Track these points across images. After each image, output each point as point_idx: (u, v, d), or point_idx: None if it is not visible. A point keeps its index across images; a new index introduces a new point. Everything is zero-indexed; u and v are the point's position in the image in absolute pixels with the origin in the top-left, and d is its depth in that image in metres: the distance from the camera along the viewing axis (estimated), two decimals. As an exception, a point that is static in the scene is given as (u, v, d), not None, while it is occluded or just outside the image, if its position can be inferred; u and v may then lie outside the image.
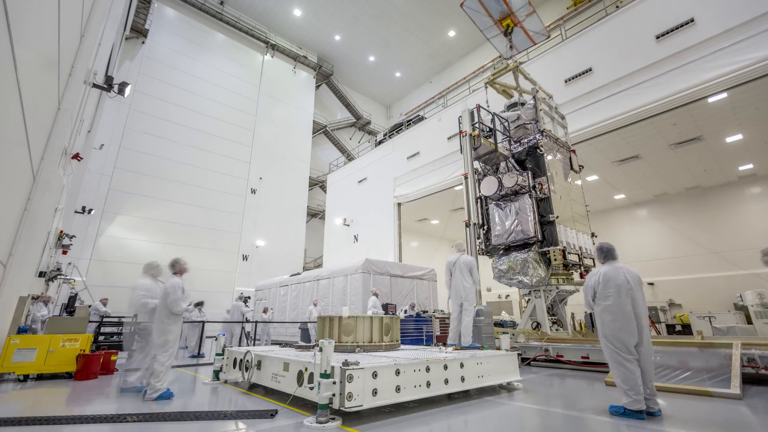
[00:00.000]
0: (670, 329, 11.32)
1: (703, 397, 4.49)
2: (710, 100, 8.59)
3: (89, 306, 9.93)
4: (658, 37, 8.95)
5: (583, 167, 9.41)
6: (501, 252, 8.23)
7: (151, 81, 19.29)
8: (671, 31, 8.76)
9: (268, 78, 24.98)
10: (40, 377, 5.82)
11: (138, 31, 19.00)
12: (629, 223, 15.55)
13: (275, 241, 22.53)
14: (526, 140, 8.29)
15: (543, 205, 7.83)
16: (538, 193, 7.78)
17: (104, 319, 9.68)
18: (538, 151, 8.05)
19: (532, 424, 3.64)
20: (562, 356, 6.98)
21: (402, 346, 6.18)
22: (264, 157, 23.36)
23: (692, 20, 8.45)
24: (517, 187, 7.91)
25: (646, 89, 8.98)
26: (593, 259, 8.37)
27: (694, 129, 9.95)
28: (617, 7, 10.49)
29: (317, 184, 27.86)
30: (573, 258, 7.73)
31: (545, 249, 7.51)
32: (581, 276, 7.94)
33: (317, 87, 28.57)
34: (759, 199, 12.57)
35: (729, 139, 10.41)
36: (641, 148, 10.99)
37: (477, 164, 9.04)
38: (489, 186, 8.34)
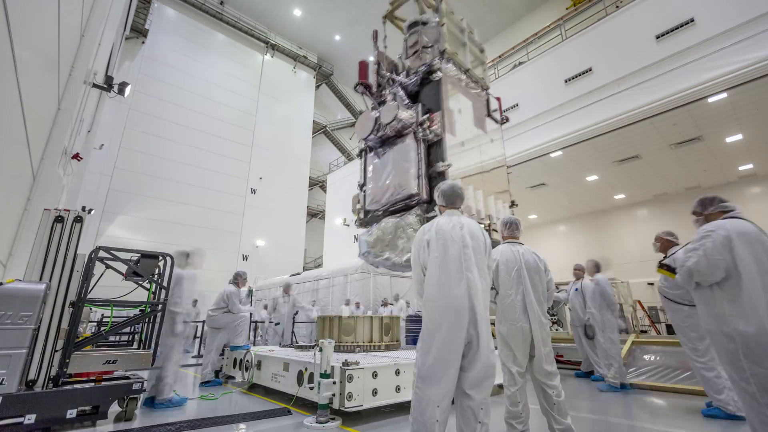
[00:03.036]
0: (670, 329, 11.31)
1: (703, 397, 4.49)
2: (710, 100, 8.58)
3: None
4: (658, 37, 8.94)
5: (508, 119, 7.67)
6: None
7: (151, 81, 19.27)
8: (671, 31, 8.76)
9: (268, 78, 24.97)
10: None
11: (138, 31, 19.00)
12: (629, 223, 15.55)
13: (275, 241, 22.52)
14: (422, 65, 6.39)
15: (434, 152, 5.70)
16: (427, 132, 5.69)
17: (104, 319, 9.69)
18: (433, 76, 5.96)
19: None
20: (561, 356, 6.98)
21: (402, 346, 6.18)
22: (264, 157, 23.35)
23: (692, 20, 8.45)
24: (400, 125, 5.86)
25: (646, 89, 8.97)
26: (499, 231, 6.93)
27: (694, 129, 9.94)
28: (617, 7, 10.48)
29: (317, 184, 27.86)
30: None
31: (433, 213, 5.44)
32: None
33: (317, 87, 28.56)
34: (759, 199, 12.56)
35: (729, 139, 10.41)
36: (641, 148, 10.99)
37: (367, 102, 7.18)
38: (363, 125, 6.32)
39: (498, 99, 7.53)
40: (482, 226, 5.38)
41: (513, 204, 6.89)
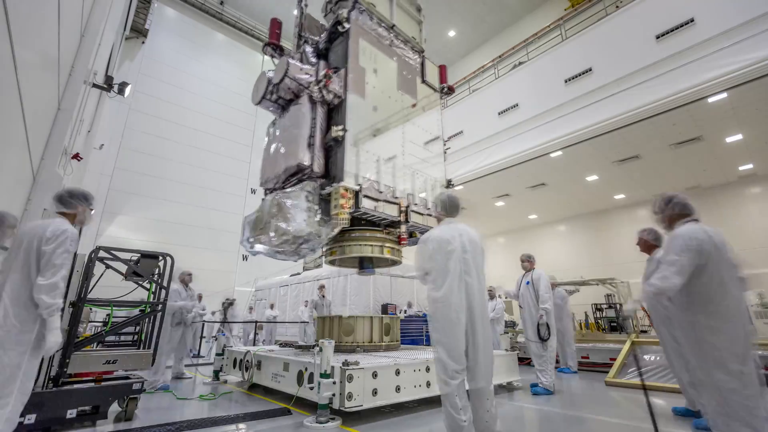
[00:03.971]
0: (670, 329, 11.34)
1: (703, 397, 4.48)
2: (710, 100, 8.58)
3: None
4: (658, 37, 8.94)
5: (453, 90, 6.98)
6: None
7: (151, 81, 19.28)
8: (671, 31, 8.75)
9: (268, 78, 24.97)
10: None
11: (138, 31, 18.99)
12: (629, 223, 15.53)
13: (275, 241, 22.53)
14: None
15: (336, 117, 4.86)
16: (324, 93, 4.76)
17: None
18: (340, 28, 5.14)
19: (532, 424, 3.64)
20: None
21: (402, 346, 6.18)
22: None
23: (692, 20, 8.45)
24: (294, 86, 4.97)
25: (646, 89, 8.97)
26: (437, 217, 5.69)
27: (694, 129, 9.94)
28: (617, 7, 10.48)
29: (317, 184, 27.84)
30: (383, 209, 4.71)
31: (328, 189, 4.57)
32: (399, 241, 5.09)
33: (317, 87, 28.54)
34: (759, 199, 12.56)
35: (729, 139, 10.40)
36: (641, 148, 10.98)
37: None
38: (256, 89, 5.63)
39: (442, 67, 6.80)
40: (399, 207, 4.96)
41: (449, 184, 6.12)
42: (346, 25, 5.11)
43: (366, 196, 4.54)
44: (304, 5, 6.49)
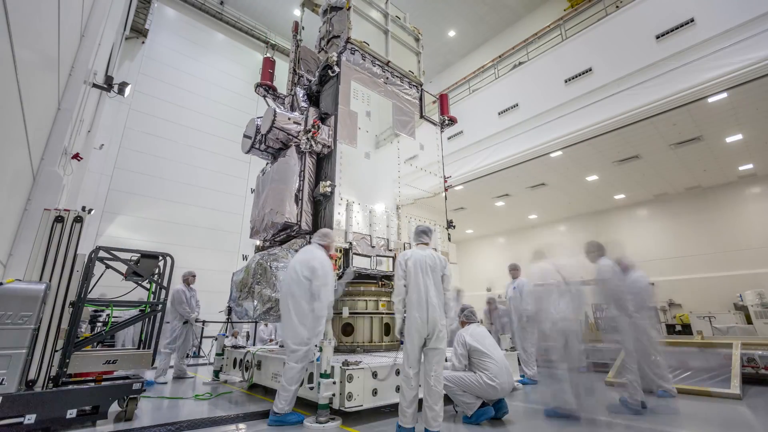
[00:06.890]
0: (670, 329, 11.32)
1: (703, 397, 4.49)
2: (710, 100, 8.58)
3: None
4: (658, 37, 8.94)
5: (454, 121, 6.61)
6: None
7: (151, 81, 19.29)
8: (671, 31, 8.76)
9: (268, 78, 24.95)
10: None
11: (138, 31, 19.00)
12: (629, 223, 15.55)
13: (275, 241, 22.52)
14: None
15: (326, 168, 4.66)
16: (313, 143, 4.49)
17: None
18: (330, 71, 4.97)
19: (532, 424, 3.63)
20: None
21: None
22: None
23: (692, 20, 8.45)
24: (283, 135, 4.77)
25: (646, 89, 8.97)
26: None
27: (694, 129, 9.94)
28: (617, 7, 10.48)
29: (317, 184, 27.84)
30: (376, 263, 4.58)
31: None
32: None
33: (317, 87, 28.54)
34: (759, 199, 12.55)
35: (729, 139, 10.40)
36: (641, 148, 10.98)
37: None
38: (247, 135, 5.49)
39: (442, 97, 6.67)
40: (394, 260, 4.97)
41: (450, 225, 6.09)
42: (336, 69, 4.98)
43: (357, 254, 4.36)
44: (299, 39, 6.38)
